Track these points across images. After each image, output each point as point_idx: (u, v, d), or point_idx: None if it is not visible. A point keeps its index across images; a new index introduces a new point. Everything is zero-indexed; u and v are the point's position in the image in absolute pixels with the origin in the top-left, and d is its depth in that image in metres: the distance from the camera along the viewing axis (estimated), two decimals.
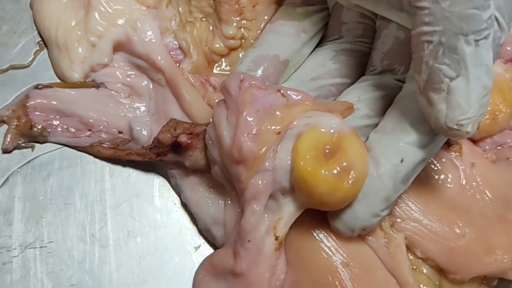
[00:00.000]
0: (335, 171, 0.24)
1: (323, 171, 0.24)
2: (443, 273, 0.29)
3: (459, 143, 0.32)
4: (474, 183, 0.31)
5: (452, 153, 0.32)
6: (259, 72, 0.31)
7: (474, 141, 0.34)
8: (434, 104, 0.23)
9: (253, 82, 0.27)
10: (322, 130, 0.25)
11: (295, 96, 0.27)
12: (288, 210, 0.26)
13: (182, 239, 0.30)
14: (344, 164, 0.25)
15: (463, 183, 0.31)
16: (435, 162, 0.31)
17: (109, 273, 0.28)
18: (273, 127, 0.26)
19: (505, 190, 0.32)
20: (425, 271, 0.29)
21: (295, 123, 0.26)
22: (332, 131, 0.25)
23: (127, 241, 0.29)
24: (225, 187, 0.28)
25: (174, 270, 0.29)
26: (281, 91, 0.27)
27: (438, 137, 0.26)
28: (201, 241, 0.30)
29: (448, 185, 0.31)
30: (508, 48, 0.36)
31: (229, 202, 0.28)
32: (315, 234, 0.27)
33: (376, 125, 0.28)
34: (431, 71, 0.23)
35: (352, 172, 0.24)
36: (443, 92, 0.23)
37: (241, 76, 0.27)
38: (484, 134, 0.33)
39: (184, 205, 0.30)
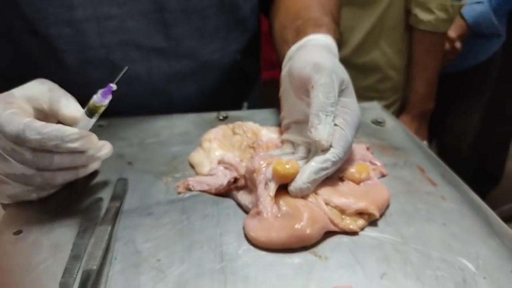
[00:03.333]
0: (286, 165, 0.69)
1: (281, 165, 0.69)
2: (343, 211, 0.68)
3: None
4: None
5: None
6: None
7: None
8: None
9: (261, 154, 0.75)
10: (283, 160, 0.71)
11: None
12: (272, 186, 0.69)
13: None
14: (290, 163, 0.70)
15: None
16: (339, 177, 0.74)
17: None
18: (265, 163, 0.72)
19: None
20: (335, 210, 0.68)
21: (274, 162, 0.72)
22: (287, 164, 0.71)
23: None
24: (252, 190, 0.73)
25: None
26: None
27: (335, 165, 0.70)
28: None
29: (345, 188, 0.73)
30: (370, 153, 0.82)
31: (252, 194, 0.72)
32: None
33: None
34: None
35: (293, 165, 0.69)
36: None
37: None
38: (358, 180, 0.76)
39: (239, 208, 0.74)
